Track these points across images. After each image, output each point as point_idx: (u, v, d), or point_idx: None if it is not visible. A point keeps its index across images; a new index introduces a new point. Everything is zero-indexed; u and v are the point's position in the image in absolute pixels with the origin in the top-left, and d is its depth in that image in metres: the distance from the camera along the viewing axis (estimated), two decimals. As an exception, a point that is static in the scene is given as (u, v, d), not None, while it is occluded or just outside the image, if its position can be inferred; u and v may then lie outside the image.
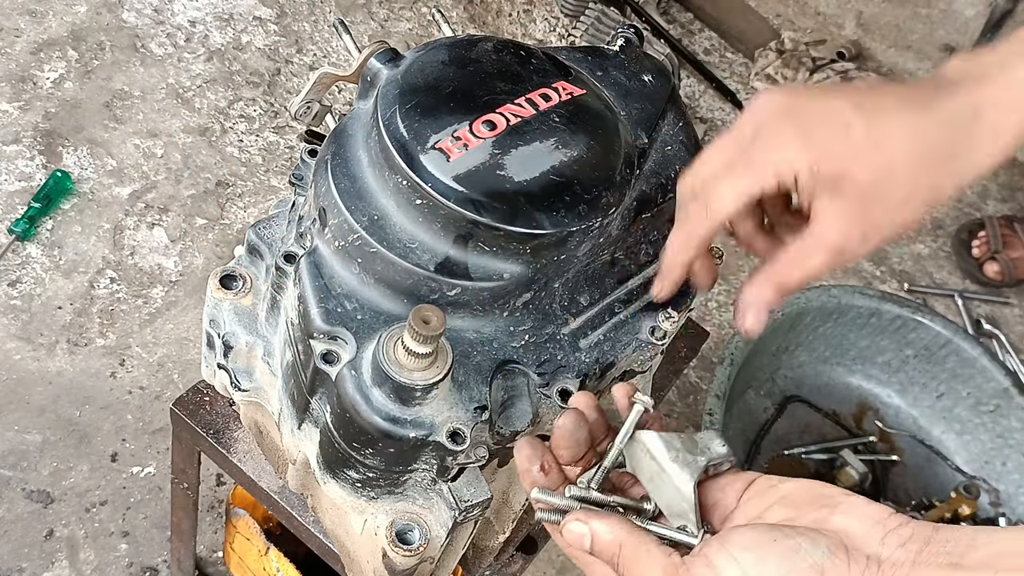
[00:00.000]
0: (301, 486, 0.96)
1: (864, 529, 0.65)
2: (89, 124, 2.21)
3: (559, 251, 0.78)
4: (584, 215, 0.77)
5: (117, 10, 2.42)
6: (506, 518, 0.97)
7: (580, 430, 0.74)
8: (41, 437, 1.79)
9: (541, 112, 0.79)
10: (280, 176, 2.28)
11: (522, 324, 0.82)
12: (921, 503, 2.07)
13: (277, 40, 2.52)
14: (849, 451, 2.07)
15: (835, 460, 2.10)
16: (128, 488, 1.77)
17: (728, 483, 0.73)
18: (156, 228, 2.10)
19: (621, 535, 0.68)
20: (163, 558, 1.72)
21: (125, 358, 1.92)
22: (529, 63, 0.83)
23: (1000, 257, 2.68)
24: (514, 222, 0.74)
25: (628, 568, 0.68)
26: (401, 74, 0.80)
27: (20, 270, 1.96)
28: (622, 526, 0.69)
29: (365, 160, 0.79)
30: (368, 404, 0.75)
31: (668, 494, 0.71)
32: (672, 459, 0.71)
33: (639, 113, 0.89)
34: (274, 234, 0.93)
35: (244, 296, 0.93)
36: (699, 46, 3.07)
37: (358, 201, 0.78)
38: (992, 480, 2.11)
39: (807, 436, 2.16)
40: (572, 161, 0.78)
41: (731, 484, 0.73)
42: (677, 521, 0.71)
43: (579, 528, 0.69)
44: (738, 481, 0.73)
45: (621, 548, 0.68)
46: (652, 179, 0.87)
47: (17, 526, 1.70)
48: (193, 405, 1.09)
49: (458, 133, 0.76)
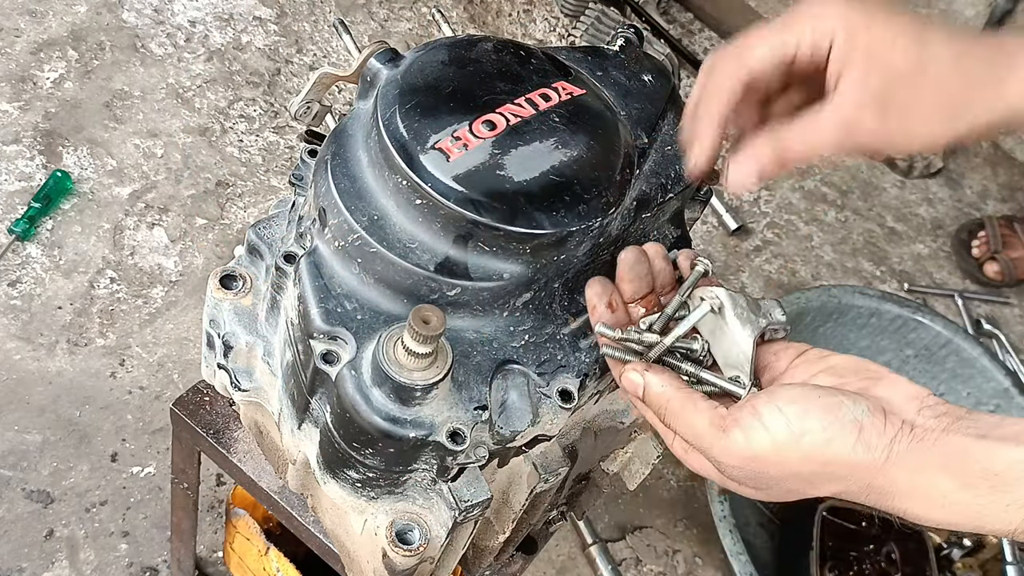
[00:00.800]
0: (301, 486, 0.96)
1: (903, 400, 0.71)
2: (89, 124, 2.20)
3: (559, 251, 0.78)
4: (584, 215, 0.77)
5: (117, 10, 2.42)
6: (506, 518, 0.97)
7: (640, 264, 0.80)
8: (41, 437, 1.79)
9: (541, 112, 0.79)
10: (280, 176, 2.28)
11: (522, 324, 0.82)
12: (921, 503, 2.07)
13: (277, 40, 2.52)
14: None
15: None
16: (128, 488, 1.77)
17: (781, 349, 0.78)
18: (156, 228, 2.10)
19: (670, 390, 0.74)
20: (163, 558, 1.72)
21: (125, 358, 1.92)
22: (529, 63, 0.83)
23: (1000, 257, 2.68)
24: (514, 222, 0.74)
25: (674, 418, 0.74)
26: (401, 74, 0.80)
27: (20, 270, 1.96)
28: (673, 382, 0.74)
29: (365, 160, 0.79)
30: (368, 404, 0.75)
31: (726, 346, 0.76)
32: (735, 314, 0.76)
33: (639, 113, 0.89)
34: (274, 234, 0.93)
35: (244, 296, 0.93)
36: (699, 46, 3.07)
37: (358, 201, 0.78)
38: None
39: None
40: (572, 161, 0.78)
41: (783, 351, 0.78)
42: (731, 372, 0.76)
43: (635, 378, 0.75)
44: (790, 349, 0.78)
45: (668, 402, 0.74)
46: (652, 179, 0.87)
47: (17, 526, 1.70)
48: (193, 405, 1.09)
49: (458, 133, 0.76)
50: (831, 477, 0.69)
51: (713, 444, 0.71)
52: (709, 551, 2.02)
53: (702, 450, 0.73)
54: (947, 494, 0.67)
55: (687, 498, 2.08)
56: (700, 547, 2.02)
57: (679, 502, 2.07)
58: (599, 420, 0.96)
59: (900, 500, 0.69)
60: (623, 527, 2.02)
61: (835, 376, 0.74)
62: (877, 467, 0.68)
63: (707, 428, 0.71)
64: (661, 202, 0.87)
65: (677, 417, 0.73)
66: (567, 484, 1.04)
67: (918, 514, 0.69)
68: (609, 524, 2.01)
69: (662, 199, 0.87)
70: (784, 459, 0.69)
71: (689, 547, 2.02)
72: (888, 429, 0.68)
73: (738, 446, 0.70)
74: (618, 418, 0.97)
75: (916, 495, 0.68)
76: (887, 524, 1.92)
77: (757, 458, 0.70)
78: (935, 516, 0.68)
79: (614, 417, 0.97)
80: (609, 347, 0.78)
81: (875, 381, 0.73)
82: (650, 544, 2.01)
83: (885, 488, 0.68)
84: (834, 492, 0.71)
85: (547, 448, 0.89)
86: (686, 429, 0.73)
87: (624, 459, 1.05)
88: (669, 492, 2.08)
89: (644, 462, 1.05)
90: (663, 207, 0.88)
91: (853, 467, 0.68)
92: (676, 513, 2.06)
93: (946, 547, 1.99)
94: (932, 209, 2.92)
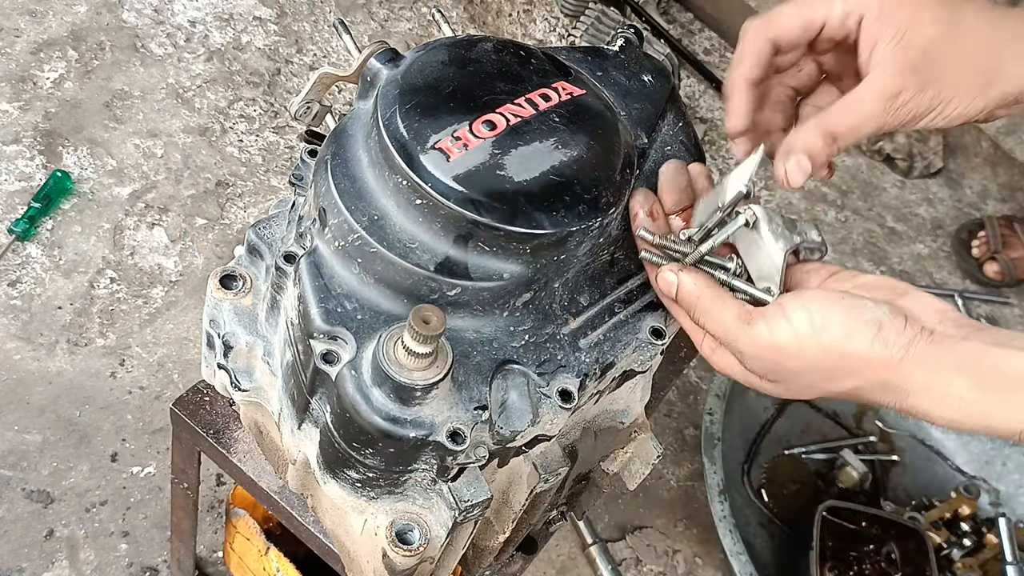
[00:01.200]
0: (301, 486, 0.96)
1: (925, 312, 0.74)
2: (89, 124, 2.20)
3: (559, 251, 0.78)
4: (584, 215, 0.77)
5: (117, 10, 2.42)
6: (506, 518, 0.97)
7: (681, 176, 0.84)
8: (41, 437, 1.79)
9: (541, 112, 0.79)
10: (280, 176, 2.28)
11: (522, 324, 0.82)
12: (921, 503, 2.07)
13: (277, 40, 2.52)
14: (849, 451, 2.08)
15: (835, 460, 2.10)
16: (128, 488, 1.77)
17: (813, 269, 0.82)
18: (156, 228, 2.10)
19: (701, 287, 0.78)
20: (163, 558, 1.72)
21: (125, 358, 1.92)
22: (529, 63, 0.83)
23: (1000, 257, 2.68)
24: (514, 222, 0.74)
25: (703, 314, 0.78)
26: (401, 74, 0.80)
27: (20, 270, 1.96)
28: (705, 281, 0.79)
29: (365, 160, 0.79)
30: (368, 404, 0.75)
31: (760, 260, 0.80)
32: (770, 229, 0.79)
33: (639, 113, 0.89)
34: (274, 234, 0.93)
35: (244, 296, 0.93)
36: (699, 46, 3.07)
37: (358, 201, 0.78)
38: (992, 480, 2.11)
39: (807, 436, 2.16)
40: (572, 161, 0.78)
41: (816, 271, 0.82)
42: (762, 284, 0.79)
43: (671, 277, 0.79)
44: (823, 270, 0.82)
45: (699, 299, 0.78)
46: (652, 179, 0.87)
47: (17, 526, 1.70)
48: (193, 405, 1.09)
49: (458, 133, 0.76)
50: (848, 372, 0.72)
51: (739, 336, 0.75)
52: (709, 551, 2.02)
53: (727, 342, 0.77)
54: (961, 393, 0.70)
55: (687, 498, 2.08)
56: (700, 547, 2.02)
57: (679, 502, 2.07)
58: (599, 420, 0.96)
59: (914, 398, 0.71)
60: (623, 527, 2.02)
61: (863, 291, 0.77)
62: (894, 364, 0.71)
63: (734, 321, 0.75)
64: (661, 202, 0.87)
65: (707, 313, 0.77)
66: (567, 484, 1.04)
67: (930, 412, 0.72)
68: (609, 524, 2.01)
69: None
70: (804, 351, 0.72)
71: (689, 547, 2.02)
72: (907, 331, 0.71)
73: (762, 336, 0.74)
74: (618, 418, 0.97)
75: (930, 394, 0.71)
76: (887, 524, 1.93)
77: (779, 348, 0.73)
78: (947, 415, 0.71)
79: (614, 417, 0.97)
80: (648, 252, 0.82)
81: (900, 295, 0.76)
82: (650, 544, 2.01)
83: (900, 385, 0.71)
84: (850, 388, 0.74)
85: (547, 448, 0.89)
86: (714, 324, 0.77)
87: (624, 459, 1.05)
88: (669, 492, 2.08)
89: (644, 462, 1.05)
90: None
91: (870, 362, 0.71)
92: (676, 513, 2.06)
93: (946, 547, 2.00)
94: (932, 209, 2.92)
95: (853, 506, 1.94)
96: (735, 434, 2.03)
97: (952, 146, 3.05)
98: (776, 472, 2.08)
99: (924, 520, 2.01)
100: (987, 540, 2.00)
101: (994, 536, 1.98)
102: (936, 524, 2.01)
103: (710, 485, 1.83)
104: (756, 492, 2.04)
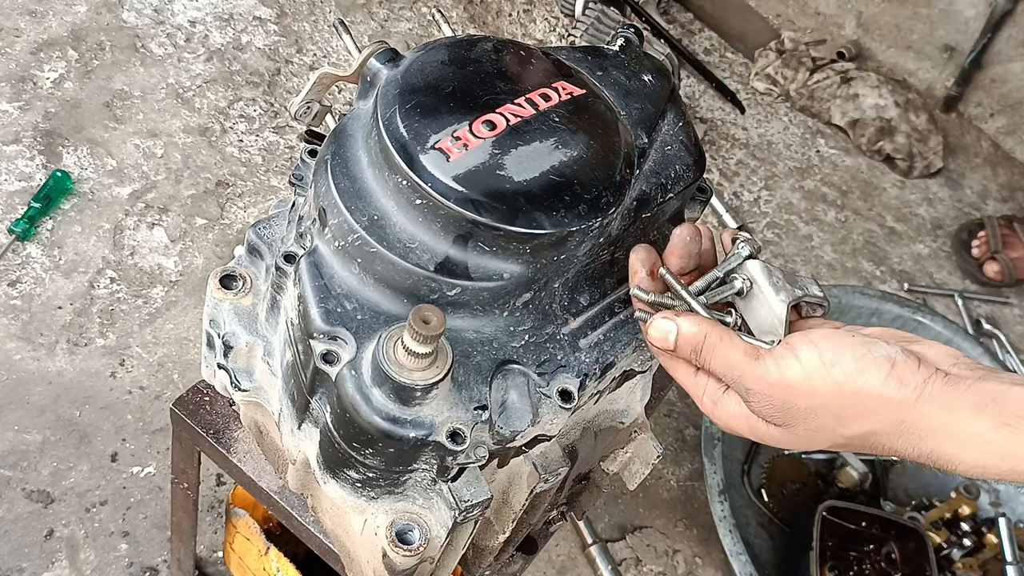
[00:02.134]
0: (301, 486, 0.96)
1: (938, 356, 0.72)
2: (89, 124, 2.20)
3: (559, 251, 0.78)
4: (584, 215, 0.76)
5: (117, 10, 2.42)
6: (506, 518, 0.97)
7: (694, 243, 0.81)
8: (41, 437, 1.79)
9: (541, 112, 0.79)
10: (280, 176, 2.28)
11: (522, 324, 0.82)
12: (921, 503, 2.07)
13: (277, 40, 2.52)
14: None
15: (835, 460, 2.10)
16: (128, 488, 1.77)
17: (816, 325, 0.79)
18: (156, 228, 2.10)
19: (705, 327, 0.74)
20: (163, 558, 1.72)
21: (125, 358, 1.92)
22: (529, 63, 0.83)
23: (1000, 257, 2.68)
24: (514, 222, 0.74)
25: (709, 354, 0.74)
26: (401, 74, 0.80)
27: (20, 270, 1.96)
28: (707, 322, 0.75)
29: (365, 160, 0.79)
30: (368, 404, 0.75)
31: (761, 314, 0.78)
32: (770, 283, 0.77)
33: (639, 113, 0.89)
34: (274, 234, 0.93)
35: (244, 296, 0.93)
36: (699, 46, 3.07)
37: (358, 201, 0.78)
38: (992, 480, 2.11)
39: (806, 438, 2.15)
40: (572, 161, 0.78)
41: (819, 326, 0.78)
42: (766, 337, 0.77)
43: (666, 324, 0.75)
44: (827, 326, 0.79)
45: (705, 338, 0.74)
46: (652, 179, 0.87)
47: (17, 526, 1.70)
48: (193, 405, 1.09)
49: (458, 133, 0.76)
50: (861, 411, 0.69)
51: (745, 371, 0.72)
52: (709, 551, 2.02)
53: (733, 380, 0.73)
54: (982, 433, 0.67)
55: (687, 498, 2.08)
56: (700, 547, 2.02)
57: (679, 502, 2.07)
58: (599, 420, 0.96)
59: (932, 439, 0.68)
60: (623, 527, 2.01)
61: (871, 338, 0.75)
62: (909, 403, 0.68)
63: (741, 357, 0.72)
64: (661, 202, 0.87)
65: (713, 350, 0.74)
66: (567, 484, 1.04)
67: (950, 454, 0.68)
68: (609, 524, 2.01)
69: (662, 199, 0.87)
70: (813, 388, 0.70)
71: (689, 547, 2.02)
72: (922, 370, 0.68)
73: (769, 373, 0.71)
74: (618, 418, 0.97)
75: (949, 434, 0.68)
76: (887, 524, 1.93)
77: (787, 385, 0.70)
78: (967, 456, 0.68)
79: (614, 417, 0.97)
80: (643, 311, 0.79)
81: (911, 342, 0.74)
82: (650, 544, 2.01)
83: (917, 425, 0.68)
84: (864, 432, 0.70)
85: (547, 448, 0.89)
86: (720, 361, 0.73)
87: (624, 459, 1.05)
88: (669, 492, 2.08)
89: (644, 462, 1.05)
90: (663, 207, 0.88)
91: (884, 401, 0.68)
92: (676, 513, 2.06)
93: (946, 547, 1.99)
94: (932, 209, 2.92)
95: (853, 506, 1.94)
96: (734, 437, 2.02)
97: (952, 146, 3.05)
98: (776, 472, 2.08)
99: (924, 520, 2.00)
100: (987, 540, 2.00)
101: (994, 536, 1.98)
102: (936, 524, 2.01)
103: (710, 485, 1.83)
104: (756, 492, 2.04)
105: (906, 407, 0.68)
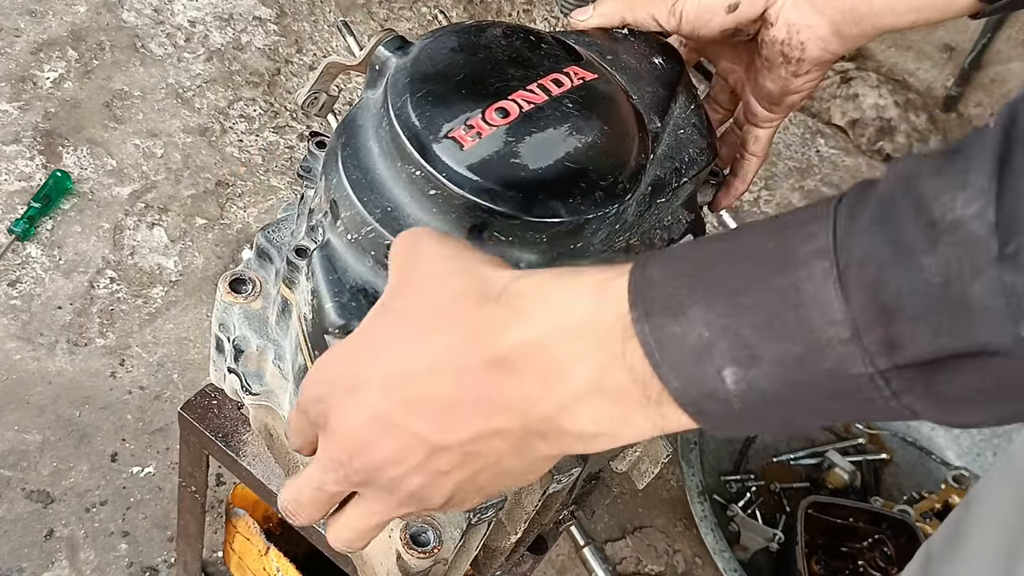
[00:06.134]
0: (311, 486, 0.95)
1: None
2: (89, 124, 2.20)
3: (575, 239, 0.76)
4: (600, 202, 0.75)
5: (117, 10, 2.41)
6: (518, 519, 0.96)
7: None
8: (41, 437, 1.78)
9: (554, 98, 0.77)
10: (280, 176, 2.27)
11: (536, 315, 0.81)
12: (911, 497, 2.07)
13: (277, 40, 2.51)
14: (836, 452, 2.07)
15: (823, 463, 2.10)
16: (128, 488, 1.76)
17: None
18: (156, 228, 2.09)
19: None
20: (163, 558, 1.71)
21: (125, 358, 1.91)
22: (540, 48, 0.82)
23: (1001, 257, 2.67)
24: (530, 211, 0.72)
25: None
26: (411, 62, 0.79)
27: (20, 270, 1.95)
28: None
29: (376, 150, 0.78)
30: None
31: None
32: None
33: (651, 96, 0.87)
34: (283, 237, 0.92)
35: (254, 300, 0.93)
36: (699, 47, 3.07)
37: (370, 193, 0.77)
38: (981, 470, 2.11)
39: (795, 443, 2.17)
40: (587, 147, 0.76)
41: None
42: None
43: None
44: None
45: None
46: (666, 163, 0.85)
47: (17, 526, 1.69)
48: (201, 409, 1.09)
49: (471, 121, 0.74)
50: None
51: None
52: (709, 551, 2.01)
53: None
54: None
55: (687, 498, 2.07)
56: (700, 547, 2.01)
57: (679, 502, 2.06)
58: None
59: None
60: (623, 527, 2.01)
61: None
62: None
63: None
64: (676, 187, 0.85)
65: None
66: (577, 484, 1.03)
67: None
68: (609, 524, 2.00)
69: (677, 184, 0.85)
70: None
71: (689, 547, 2.01)
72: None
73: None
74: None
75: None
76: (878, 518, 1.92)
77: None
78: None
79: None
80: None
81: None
82: (650, 544, 2.00)
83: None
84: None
85: (559, 445, 0.88)
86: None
87: (633, 458, 1.04)
88: (669, 492, 2.07)
89: (654, 461, 1.04)
90: (677, 191, 0.86)
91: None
92: (676, 513, 2.05)
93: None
94: (932, 210, 2.92)
95: (839, 500, 1.93)
96: (722, 444, 2.04)
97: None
98: (768, 480, 2.08)
99: (914, 512, 2.00)
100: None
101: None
102: (926, 515, 2.01)
103: (689, 487, 1.86)
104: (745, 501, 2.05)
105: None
